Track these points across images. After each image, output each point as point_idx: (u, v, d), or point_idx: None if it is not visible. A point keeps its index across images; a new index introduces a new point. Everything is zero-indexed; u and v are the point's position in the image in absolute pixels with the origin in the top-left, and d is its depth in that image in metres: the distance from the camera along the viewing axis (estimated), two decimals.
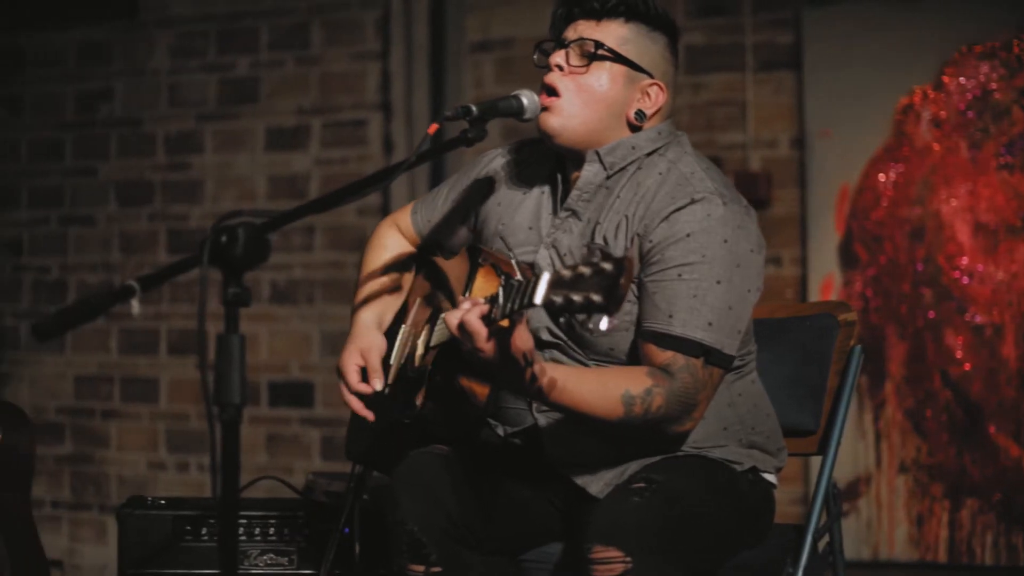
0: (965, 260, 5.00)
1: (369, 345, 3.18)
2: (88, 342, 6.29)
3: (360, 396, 3.13)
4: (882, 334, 5.10)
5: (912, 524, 5.05)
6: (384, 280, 3.32)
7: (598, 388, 2.80)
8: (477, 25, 5.78)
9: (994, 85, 5.02)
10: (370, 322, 3.26)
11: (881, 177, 5.12)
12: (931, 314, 5.05)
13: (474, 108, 2.87)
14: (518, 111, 2.97)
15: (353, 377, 3.14)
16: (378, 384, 3.11)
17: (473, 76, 5.75)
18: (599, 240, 2.97)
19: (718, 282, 2.86)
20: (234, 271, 2.32)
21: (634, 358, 2.93)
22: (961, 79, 5.05)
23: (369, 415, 3.10)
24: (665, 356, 2.85)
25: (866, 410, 5.11)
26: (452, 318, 2.67)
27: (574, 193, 3.04)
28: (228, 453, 2.31)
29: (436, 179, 5.34)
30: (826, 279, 5.18)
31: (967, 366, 5.00)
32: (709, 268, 2.86)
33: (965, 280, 5.01)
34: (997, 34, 5.02)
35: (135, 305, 2.28)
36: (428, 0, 5.80)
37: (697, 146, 5.21)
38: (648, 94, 3.03)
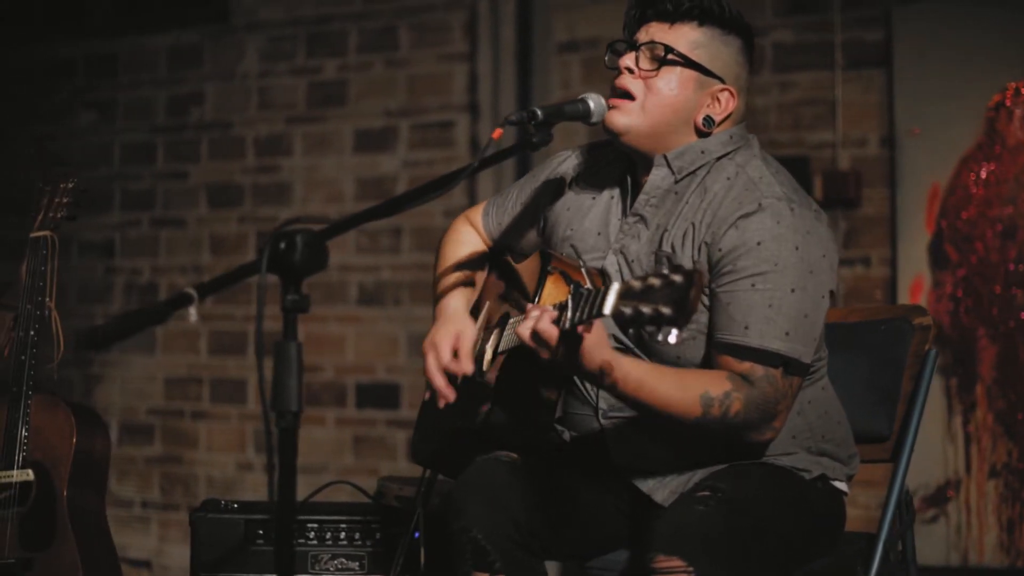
0: None
1: (465, 330, 3.11)
2: (178, 344, 6.36)
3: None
4: (973, 336, 5.02)
5: (1002, 530, 4.96)
6: (463, 273, 3.31)
7: (677, 385, 2.78)
8: (564, 25, 5.76)
9: None
10: (461, 308, 3.22)
11: (972, 176, 5.04)
12: (1023, 315, 4.96)
13: (539, 112, 2.85)
14: (584, 115, 2.94)
15: (446, 354, 3.05)
16: (469, 368, 3.04)
17: (560, 76, 5.73)
18: (667, 247, 2.94)
19: (792, 290, 2.83)
20: (292, 278, 2.32)
21: (702, 366, 2.90)
22: None
23: (451, 394, 3.03)
24: (743, 367, 2.82)
25: (956, 413, 5.03)
26: (524, 329, 2.67)
27: (641, 198, 3.02)
28: (285, 460, 2.30)
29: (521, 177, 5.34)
30: (916, 280, 5.11)
31: None
32: (782, 276, 2.83)
33: None
34: None
35: (192, 313, 2.28)
36: (515, 1, 5.79)
37: (785, 145, 5.26)
38: (718, 99, 3.00)
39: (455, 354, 3.06)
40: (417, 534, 3.33)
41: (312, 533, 3.54)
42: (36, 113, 6.67)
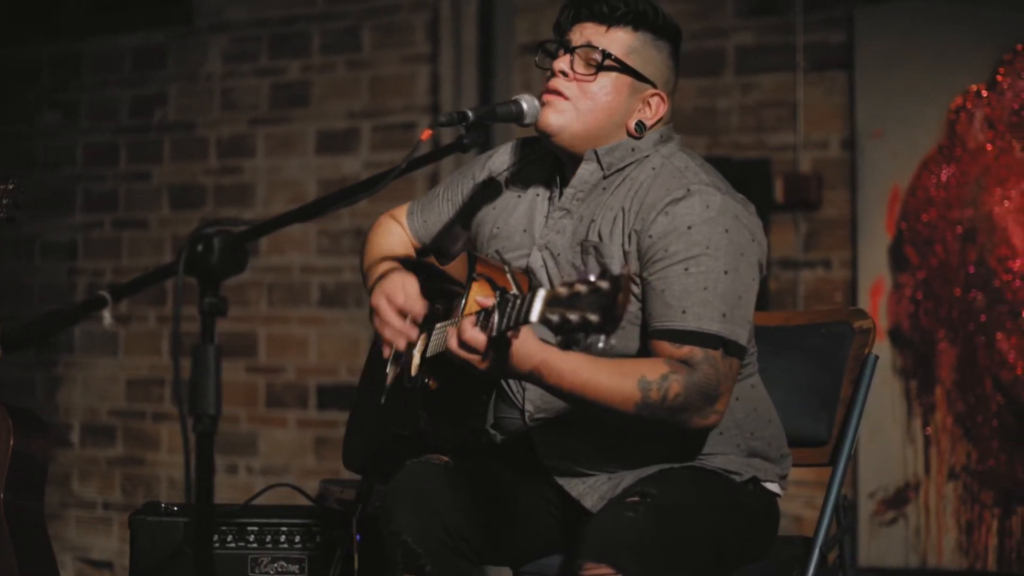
0: (1018, 263, 4.90)
1: (408, 278, 3.08)
2: (139, 345, 6.34)
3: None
4: (932, 338, 5.01)
5: (961, 532, 4.96)
6: (394, 258, 3.26)
7: (613, 374, 2.75)
8: (526, 27, 5.75)
9: None
10: (399, 266, 3.17)
11: (933, 178, 5.04)
12: (982, 318, 4.95)
13: (471, 113, 2.84)
14: (518, 116, 2.93)
15: (399, 296, 3.02)
16: (419, 308, 3.01)
17: (522, 78, 5.72)
18: (593, 237, 2.93)
19: (725, 272, 2.82)
20: (210, 280, 2.29)
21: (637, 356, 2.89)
22: (1016, 78, 4.95)
23: (413, 332, 3.01)
24: (682, 352, 2.80)
25: (915, 415, 5.02)
26: (452, 340, 2.66)
27: (568, 191, 3.01)
28: (202, 464, 2.28)
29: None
30: (876, 282, 5.11)
31: (1019, 371, 4.91)
32: (715, 259, 2.82)
33: (1017, 283, 4.91)
34: None
35: (106, 316, 2.26)
36: (477, 2, 5.78)
37: (746, 148, 5.27)
38: (649, 104, 3.00)
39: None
40: (359, 537, 3.31)
41: (252, 536, 3.52)
42: (1, 113, 6.65)
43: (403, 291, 3.04)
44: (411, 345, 3.11)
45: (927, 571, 5.01)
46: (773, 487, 3.04)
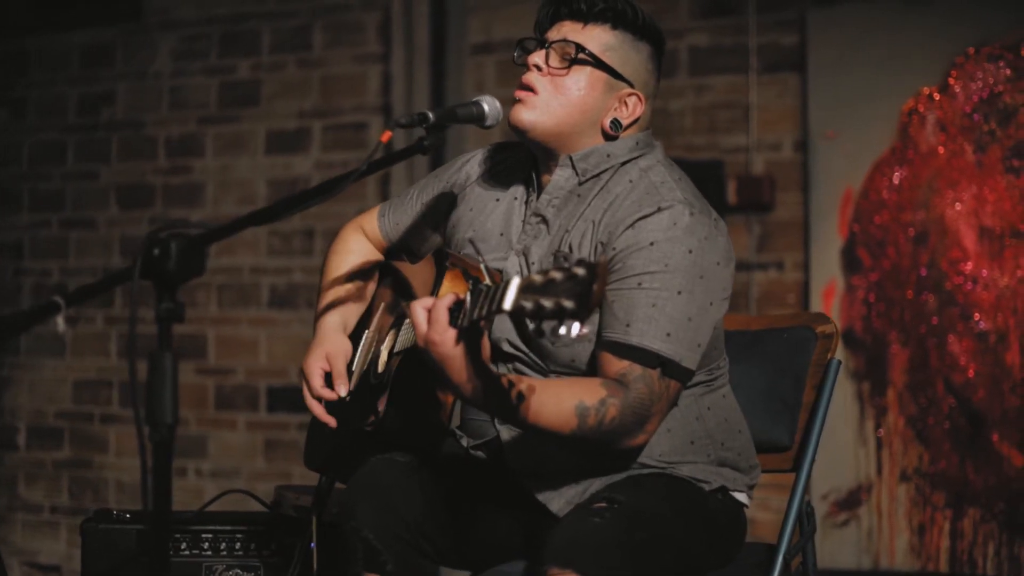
0: (969, 265, 4.92)
1: (335, 350, 3.10)
2: (87, 347, 6.27)
3: (323, 402, 3.06)
4: (884, 340, 5.03)
5: (913, 533, 4.97)
6: (349, 285, 3.25)
7: (552, 399, 2.71)
8: (479, 27, 5.72)
9: (1001, 87, 4.94)
10: (335, 326, 3.18)
11: (885, 181, 5.05)
12: (934, 320, 4.97)
13: (431, 115, 2.79)
14: (478, 117, 2.89)
15: (317, 381, 3.06)
16: (343, 390, 3.03)
17: (474, 78, 5.69)
18: (565, 248, 2.90)
19: (679, 292, 2.78)
20: (167, 285, 2.25)
21: (595, 369, 2.85)
22: (967, 81, 4.97)
23: (331, 421, 3.01)
24: (621, 366, 2.76)
25: (867, 417, 5.03)
26: (417, 305, 2.60)
27: (544, 197, 2.97)
28: (160, 473, 2.24)
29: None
30: (829, 284, 5.11)
31: (970, 373, 4.92)
32: (671, 278, 2.78)
33: (969, 286, 4.93)
34: (1004, 36, 4.94)
35: (60, 322, 2.21)
36: (429, 2, 5.75)
37: (699, 149, 5.26)
38: (626, 103, 2.95)
39: (328, 376, 3.07)
40: (313, 544, 3.28)
41: (207, 543, 3.48)
42: None
43: (321, 370, 3.09)
44: (379, 342, 3.08)
45: (879, 573, 5.02)
46: (741, 497, 3.01)
